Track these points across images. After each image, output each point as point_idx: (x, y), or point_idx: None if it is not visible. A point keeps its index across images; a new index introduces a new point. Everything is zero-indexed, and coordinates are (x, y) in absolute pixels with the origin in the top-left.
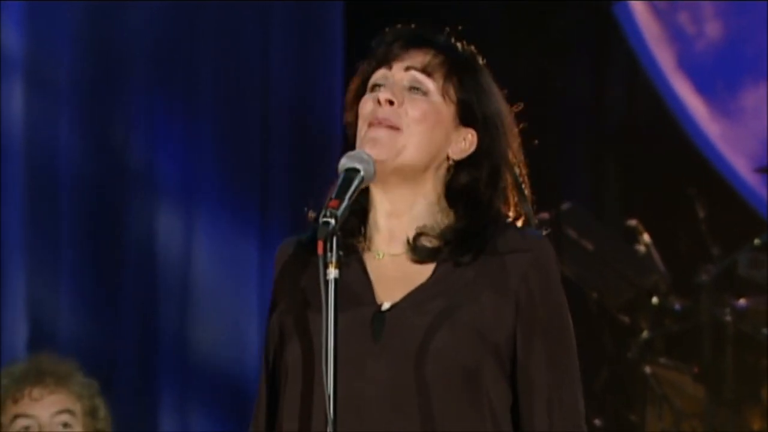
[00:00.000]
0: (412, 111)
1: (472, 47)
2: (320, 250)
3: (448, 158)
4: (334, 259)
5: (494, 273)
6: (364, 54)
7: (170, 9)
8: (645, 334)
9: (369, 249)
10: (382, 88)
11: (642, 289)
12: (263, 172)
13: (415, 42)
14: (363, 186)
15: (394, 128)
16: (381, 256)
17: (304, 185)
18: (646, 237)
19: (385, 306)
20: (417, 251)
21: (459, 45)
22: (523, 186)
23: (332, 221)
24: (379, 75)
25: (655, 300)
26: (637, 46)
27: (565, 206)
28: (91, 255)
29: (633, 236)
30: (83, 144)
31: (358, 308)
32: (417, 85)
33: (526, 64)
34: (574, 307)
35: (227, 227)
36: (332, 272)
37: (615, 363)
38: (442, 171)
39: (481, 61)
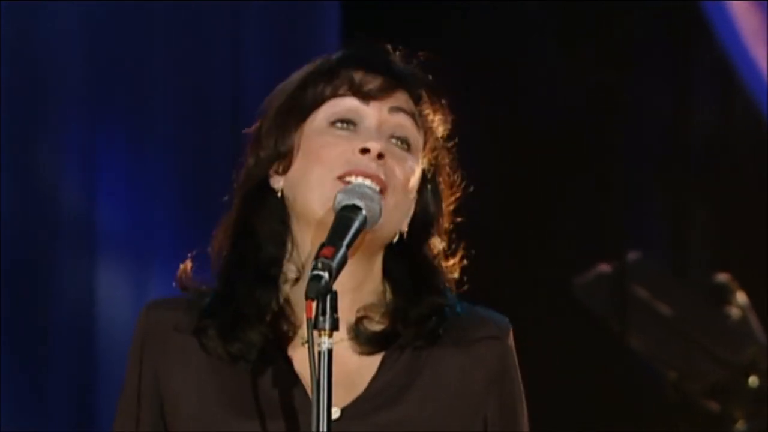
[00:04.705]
0: (399, 172)
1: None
2: (309, 313)
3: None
4: (327, 325)
5: (456, 368)
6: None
7: (113, 6)
8: (741, 425)
9: (293, 338)
10: (354, 128)
11: (736, 367)
12: None
13: (401, 79)
14: (366, 230)
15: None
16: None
17: None
18: (741, 297)
19: (334, 413)
20: (361, 339)
21: (434, 83)
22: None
23: (325, 275)
24: (349, 105)
25: (753, 381)
26: (732, 47)
27: (634, 257)
28: (11, 328)
29: (724, 297)
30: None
31: (294, 418)
32: (404, 136)
33: (586, 74)
34: (645, 390)
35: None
36: (326, 342)
37: None
38: None
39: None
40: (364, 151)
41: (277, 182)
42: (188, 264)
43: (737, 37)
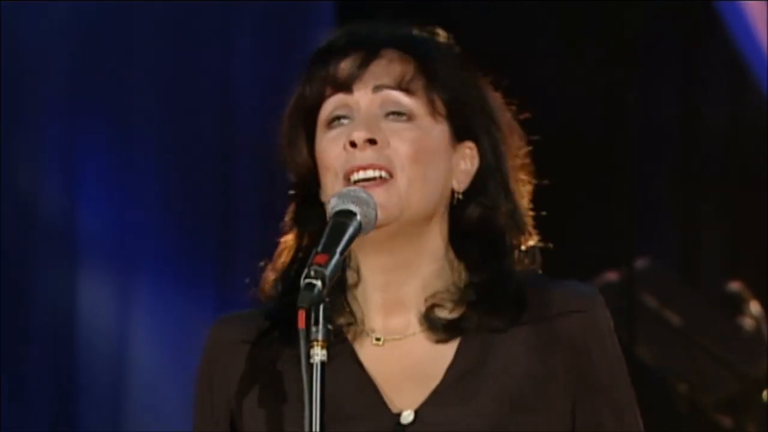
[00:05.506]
0: (401, 147)
1: (434, 29)
2: (302, 323)
3: (453, 192)
4: (320, 336)
5: (536, 349)
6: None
7: (100, 5)
8: None
9: (361, 333)
10: (349, 122)
11: (749, 380)
12: (223, 227)
13: (375, 49)
14: (361, 235)
15: (385, 179)
16: (381, 342)
17: (277, 244)
18: (754, 306)
19: (407, 416)
20: (434, 328)
21: (421, 33)
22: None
23: (318, 283)
24: (336, 103)
25: (766, 395)
26: (746, 44)
27: (642, 264)
28: None
29: (736, 306)
30: None
31: (364, 421)
32: (397, 109)
33: (589, 72)
34: (654, 402)
35: (174, 300)
36: (318, 353)
37: None
38: (447, 211)
39: (451, 42)
40: (353, 144)
41: (323, 195)
42: (270, 275)
43: (751, 37)
